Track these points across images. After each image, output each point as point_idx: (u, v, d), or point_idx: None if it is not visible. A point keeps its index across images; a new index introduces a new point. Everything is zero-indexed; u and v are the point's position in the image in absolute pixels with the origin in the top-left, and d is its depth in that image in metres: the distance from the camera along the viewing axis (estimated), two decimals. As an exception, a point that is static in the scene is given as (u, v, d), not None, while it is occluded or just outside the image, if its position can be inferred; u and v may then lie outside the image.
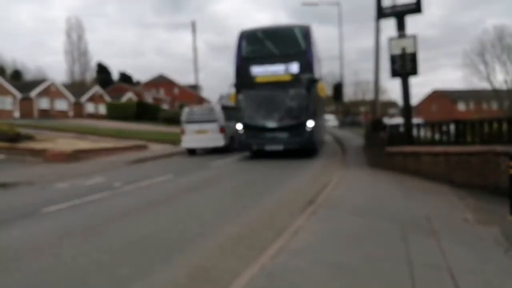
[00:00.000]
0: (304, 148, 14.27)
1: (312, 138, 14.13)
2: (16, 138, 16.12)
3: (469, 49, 54.66)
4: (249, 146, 14.82)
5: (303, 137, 13.98)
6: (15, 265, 4.29)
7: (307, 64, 14.15)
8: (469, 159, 8.25)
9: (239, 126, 14.66)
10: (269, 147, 14.20)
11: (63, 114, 44.95)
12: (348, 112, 62.64)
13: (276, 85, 14.13)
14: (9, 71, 57.52)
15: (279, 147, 14.07)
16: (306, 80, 13.96)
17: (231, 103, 16.16)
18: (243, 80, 14.58)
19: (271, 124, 14.17)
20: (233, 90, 14.87)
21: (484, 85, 49.26)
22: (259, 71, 14.39)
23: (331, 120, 50.02)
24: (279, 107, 14.19)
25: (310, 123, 13.91)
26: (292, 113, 14.12)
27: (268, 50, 14.69)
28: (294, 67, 14.11)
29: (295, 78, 14.01)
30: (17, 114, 39.67)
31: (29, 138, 17.24)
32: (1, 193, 9.03)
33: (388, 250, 4.29)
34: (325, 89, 14.69)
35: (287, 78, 14.10)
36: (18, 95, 40.54)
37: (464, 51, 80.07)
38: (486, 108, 57.03)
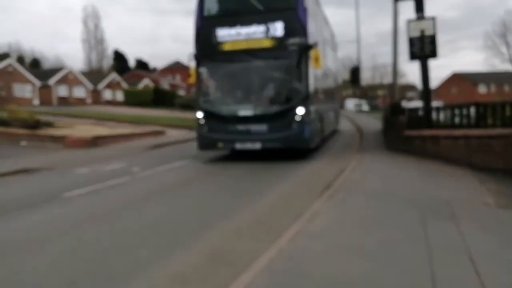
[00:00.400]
0: (291, 147, 10.17)
1: (303, 132, 9.94)
2: (36, 125, 16.42)
3: (491, 31, 53.28)
4: (212, 143, 10.63)
5: (290, 131, 9.87)
6: (39, 248, 4.42)
7: (297, 24, 10.02)
8: (490, 143, 8.08)
9: (199, 115, 10.58)
10: (240, 145, 10.22)
11: (81, 101, 45.62)
12: (365, 96, 61.96)
13: (252, 54, 10.06)
14: (28, 59, 58.58)
15: (255, 146, 10.06)
16: (297, 46, 9.85)
17: None
18: (205, 48, 10.52)
19: (244, 111, 10.08)
20: (192, 64, 10.81)
21: (506, 67, 48.01)
22: (228, 34, 10.26)
23: (362, 105, 49.36)
24: (255, 86, 10.39)
25: (301, 110, 9.80)
26: (275, 95, 10.27)
27: (242, 4, 10.52)
28: (279, 28, 9.98)
29: (280, 44, 9.93)
30: (36, 101, 40.46)
31: (49, 125, 17.54)
32: (25, 179, 9.26)
33: (406, 234, 4.27)
34: (320, 58, 10.13)
35: (268, 44, 9.99)
36: (37, 83, 41.29)
37: (485, 32, 77.91)
38: (508, 90, 55.63)
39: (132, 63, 71.76)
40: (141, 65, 72.40)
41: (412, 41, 10.84)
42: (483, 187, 6.63)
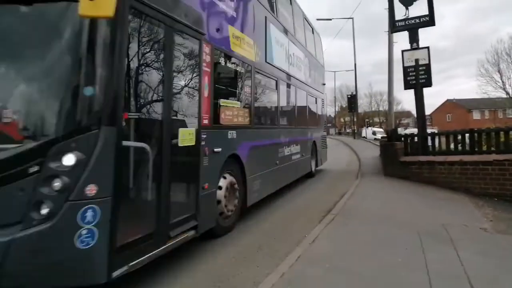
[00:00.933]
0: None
1: (67, 235, 2.98)
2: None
3: (484, 59, 54.30)
4: None
5: (24, 229, 2.94)
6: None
7: None
8: (485, 168, 8.23)
9: None
10: None
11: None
12: (363, 123, 62.51)
13: None
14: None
15: None
16: None
17: None
18: None
19: None
20: None
21: (499, 94, 48.68)
22: None
23: (379, 132, 49.29)
24: None
25: (69, 159, 3.04)
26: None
27: None
28: None
29: None
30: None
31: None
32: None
33: (405, 259, 4.32)
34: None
35: None
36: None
37: (478, 61, 79.32)
38: (502, 116, 56.31)
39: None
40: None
41: (406, 71, 11.14)
42: (480, 212, 6.72)
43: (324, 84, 14.25)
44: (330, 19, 32.03)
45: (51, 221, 2.95)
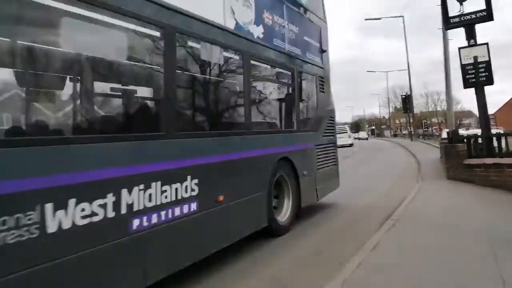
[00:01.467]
0: None
1: None
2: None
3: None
4: None
5: None
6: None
7: None
8: (561, 170, 7.72)
9: None
10: None
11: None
12: (420, 124, 60.39)
13: None
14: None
15: None
16: None
17: None
18: None
19: None
20: None
21: None
22: None
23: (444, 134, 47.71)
24: None
25: None
26: None
27: None
28: None
29: None
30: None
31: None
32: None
33: (476, 268, 4.14)
34: None
35: None
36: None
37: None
38: None
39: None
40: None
41: (465, 69, 10.70)
42: (557, 218, 6.29)
43: (324, 51, 8.37)
44: (379, 19, 31.50)
45: None
